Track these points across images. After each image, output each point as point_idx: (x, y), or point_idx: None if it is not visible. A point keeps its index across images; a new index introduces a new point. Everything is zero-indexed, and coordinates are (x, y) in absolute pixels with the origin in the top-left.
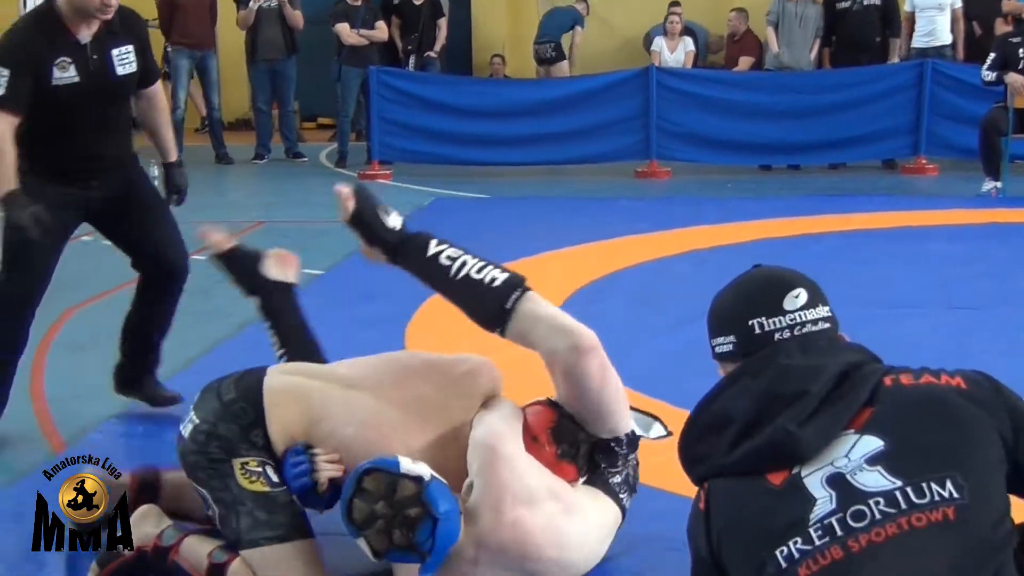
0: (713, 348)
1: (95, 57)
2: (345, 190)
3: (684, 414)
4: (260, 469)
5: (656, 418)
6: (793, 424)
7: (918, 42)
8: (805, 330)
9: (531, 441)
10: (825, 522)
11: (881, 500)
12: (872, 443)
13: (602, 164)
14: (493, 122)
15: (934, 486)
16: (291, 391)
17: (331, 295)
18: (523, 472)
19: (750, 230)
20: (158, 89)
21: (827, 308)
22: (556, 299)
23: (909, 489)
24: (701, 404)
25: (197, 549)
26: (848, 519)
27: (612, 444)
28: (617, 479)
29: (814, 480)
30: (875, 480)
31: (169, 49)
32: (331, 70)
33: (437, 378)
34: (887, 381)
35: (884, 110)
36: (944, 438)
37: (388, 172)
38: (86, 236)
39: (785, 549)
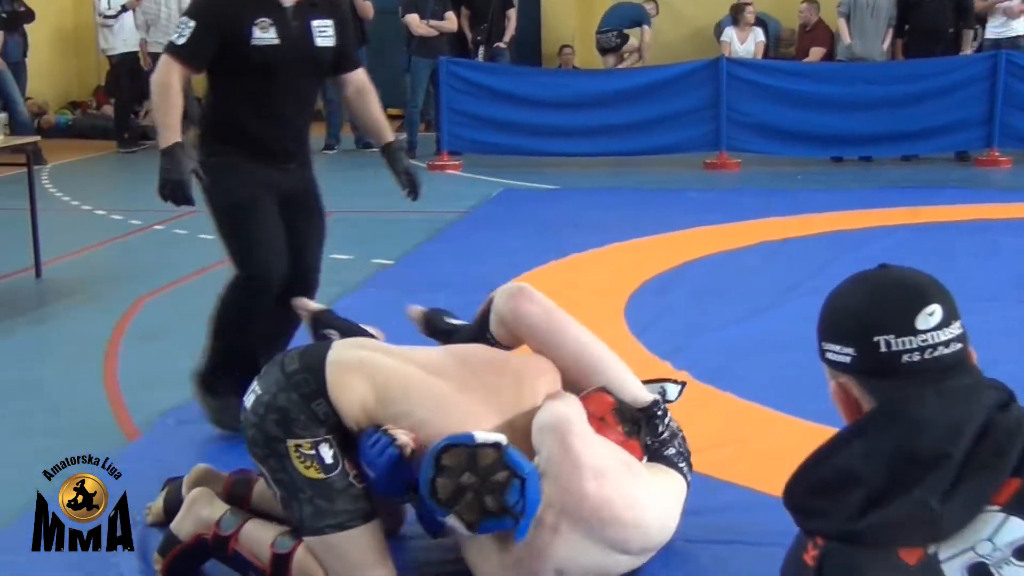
0: (824, 351)
1: (295, 23)
2: (415, 314)
3: (751, 407)
4: (313, 452)
5: (663, 380)
6: (935, 498)
7: (991, 33)
8: (936, 353)
9: (599, 422)
10: None
11: None
12: (1020, 529)
13: (671, 155)
14: (562, 113)
15: None
16: (362, 365)
17: (399, 285)
18: (596, 445)
19: (820, 222)
20: (363, 74)
21: (959, 324)
22: (624, 291)
23: None
24: (821, 454)
25: (258, 536)
26: None
27: (647, 415)
28: (672, 451)
29: (954, 566)
30: None
31: None
32: (400, 61)
33: (511, 374)
34: None
35: (957, 102)
36: None
37: (457, 163)
38: (158, 225)
39: None
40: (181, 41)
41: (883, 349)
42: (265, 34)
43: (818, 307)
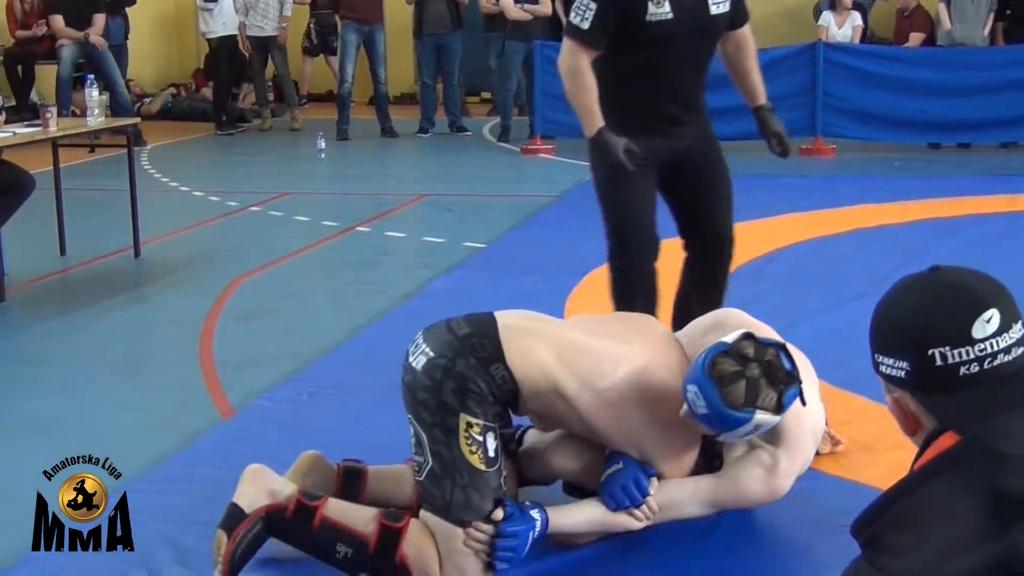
0: (878, 364)
1: None
2: None
3: (847, 395)
4: (481, 438)
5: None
6: None
7: None
8: (996, 362)
9: None
10: None
11: None
12: None
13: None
14: None
15: None
16: (534, 332)
17: (493, 268)
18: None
19: (917, 209)
20: (747, 31)
21: (1020, 325)
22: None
23: None
24: (899, 490)
25: (350, 508)
26: None
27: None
28: None
29: None
30: None
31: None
32: (479, 45)
33: (652, 325)
34: None
35: None
36: None
37: (550, 147)
38: (254, 206)
39: None
40: (584, 25)
41: (939, 363)
42: (659, 9)
43: None
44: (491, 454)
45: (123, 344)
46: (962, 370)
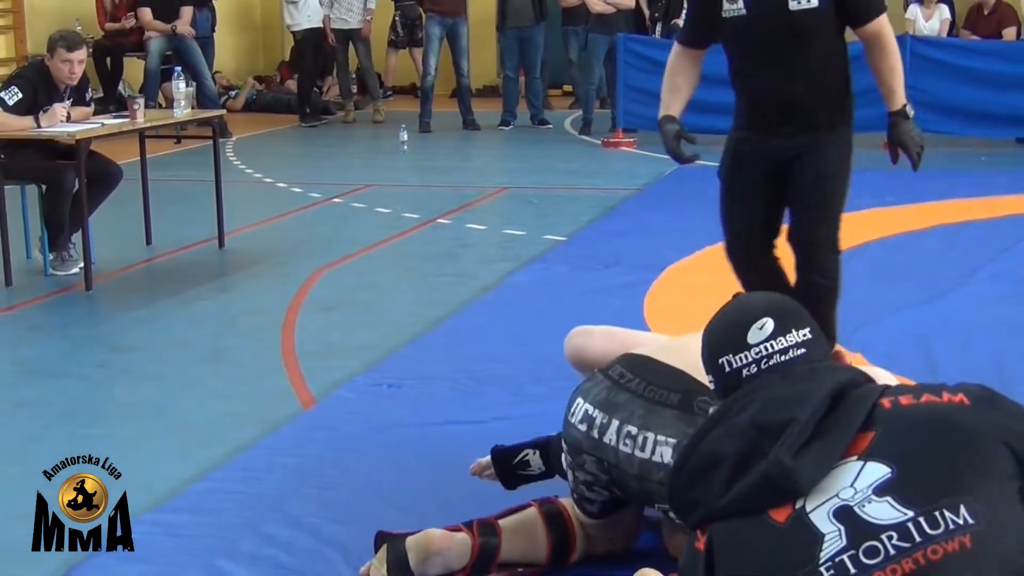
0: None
1: None
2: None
3: None
4: None
5: None
6: (787, 456)
7: None
8: (772, 362)
9: None
10: (837, 560)
11: (894, 534)
12: (878, 471)
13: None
14: None
15: (947, 513)
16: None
17: (573, 261)
18: None
19: (1003, 205)
20: (877, 26)
21: (804, 331)
22: None
23: (922, 519)
24: (686, 449)
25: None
26: (861, 556)
27: None
28: None
29: (820, 514)
30: (885, 512)
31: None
32: (552, 37)
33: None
34: (885, 403)
35: None
36: (952, 460)
37: (632, 140)
38: (337, 198)
39: None
40: (682, 24)
41: (727, 370)
42: (733, 5)
43: (998, 292)
44: None
45: (207, 333)
46: (744, 372)
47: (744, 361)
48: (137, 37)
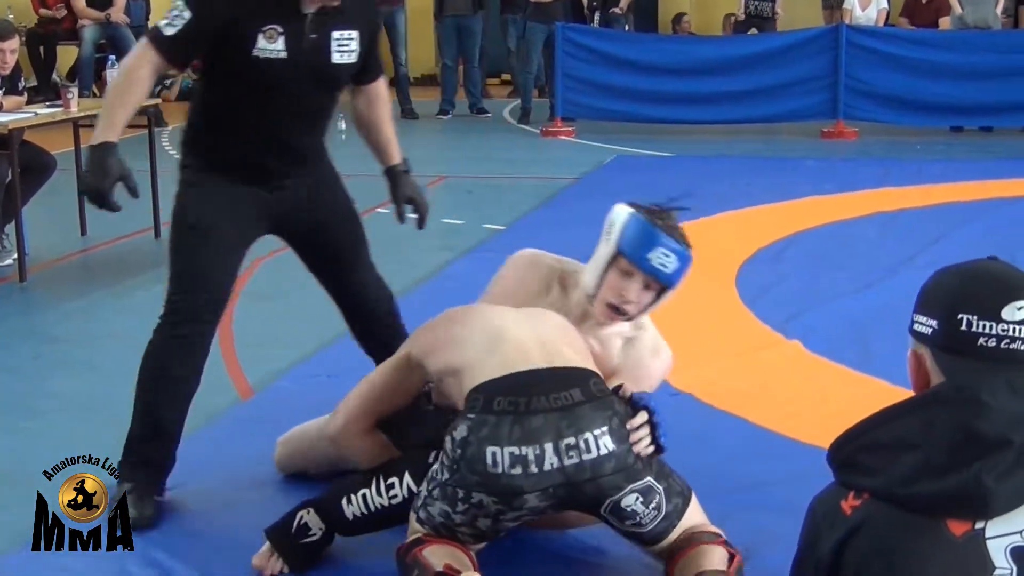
0: (913, 321)
1: (313, 35)
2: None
3: (868, 380)
4: None
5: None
6: (991, 477)
7: None
8: (1014, 346)
9: None
10: None
11: None
12: None
13: (787, 123)
14: (678, 80)
15: None
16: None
17: (511, 250)
18: None
19: (939, 193)
20: (382, 85)
21: None
22: (737, 259)
23: None
24: (881, 418)
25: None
26: None
27: None
28: None
29: (998, 546)
30: None
31: None
32: (517, 26)
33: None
34: None
35: None
36: None
37: (571, 129)
38: None
39: None
40: (170, 31)
41: (963, 328)
42: (271, 44)
43: None
44: None
45: (144, 324)
46: (981, 340)
47: (987, 331)
48: (71, 24)
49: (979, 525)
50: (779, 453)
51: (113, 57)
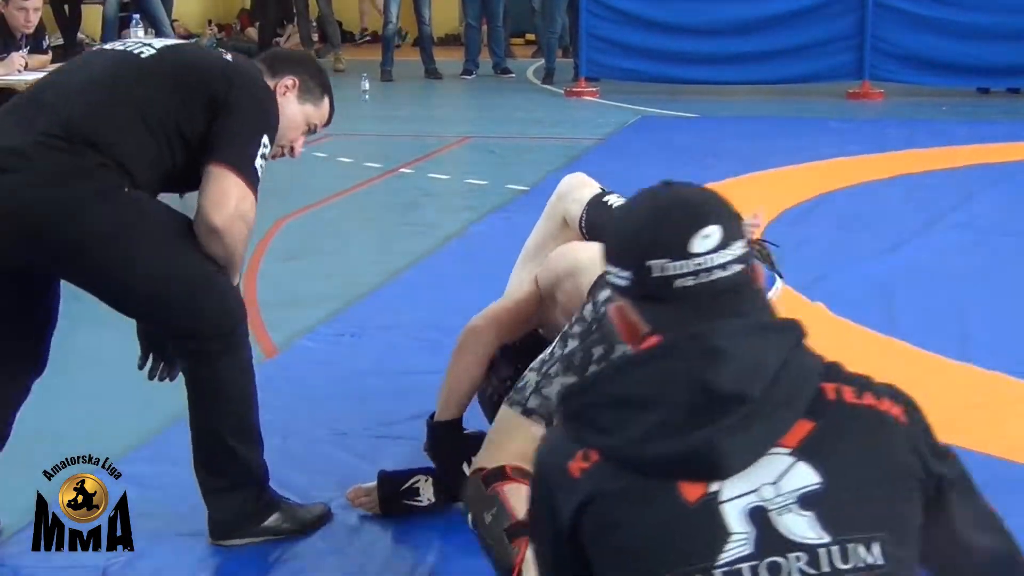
0: (607, 273)
1: None
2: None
3: (892, 342)
4: None
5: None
6: (723, 434)
7: None
8: (712, 277)
9: None
10: (735, 567)
11: (803, 556)
12: (807, 477)
13: (813, 84)
14: (703, 40)
15: (861, 550)
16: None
17: (534, 211)
18: None
19: (964, 155)
20: None
21: (742, 243)
22: (761, 220)
23: (835, 549)
24: (611, 371)
25: None
26: (762, 570)
27: None
28: None
29: (734, 509)
30: (802, 529)
31: None
32: None
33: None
34: (829, 391)
35: None
36: (879, 489)
37: (595, 89)
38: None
39: None
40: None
41: (656, 274)
42: None
43: (959, 241)
44: None
45: None
46: (677, 282)
47: (681, 271)
48: None
49: (713, 488)
50: None
51: (137, 16)
